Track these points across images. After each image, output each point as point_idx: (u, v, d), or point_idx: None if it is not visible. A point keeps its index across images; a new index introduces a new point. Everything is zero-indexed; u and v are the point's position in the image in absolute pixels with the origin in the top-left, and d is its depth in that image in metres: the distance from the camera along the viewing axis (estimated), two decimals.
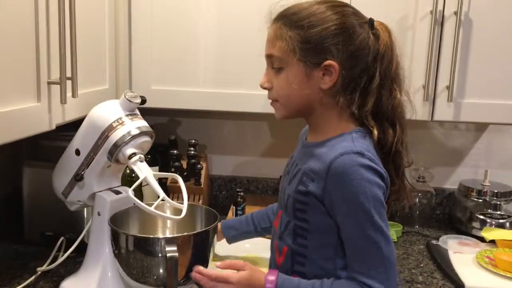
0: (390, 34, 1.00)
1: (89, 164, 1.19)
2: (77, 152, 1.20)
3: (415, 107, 1.06)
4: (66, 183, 1.24)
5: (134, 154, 1.15)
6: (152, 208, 1.08)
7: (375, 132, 0.99)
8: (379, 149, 0.99)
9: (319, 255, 1.01)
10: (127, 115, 1.18)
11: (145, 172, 1.13)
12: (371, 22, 0.99)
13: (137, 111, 1.22)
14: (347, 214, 0.94)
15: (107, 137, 1.15)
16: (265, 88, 1.04)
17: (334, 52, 0.95)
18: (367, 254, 0.94)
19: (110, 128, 1.15)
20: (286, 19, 0.99)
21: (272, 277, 0.99)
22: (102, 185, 1.23)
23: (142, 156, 1.16)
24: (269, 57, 1.02)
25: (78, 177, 1.21)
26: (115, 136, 1.15)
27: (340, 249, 0.99)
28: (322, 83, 0.97)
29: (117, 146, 1.15)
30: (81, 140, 1.20)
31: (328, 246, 1.00)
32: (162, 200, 1.10)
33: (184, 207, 1.09)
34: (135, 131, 1.16)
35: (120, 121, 1.16)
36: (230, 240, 1.34)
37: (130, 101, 1.17)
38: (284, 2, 1.02)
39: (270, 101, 1.07)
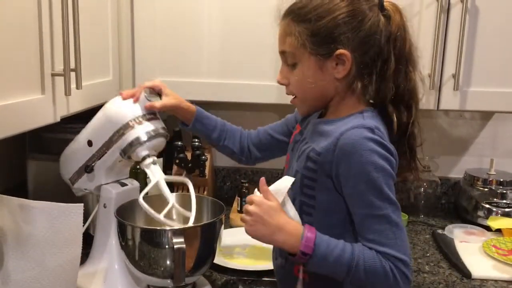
0: (401, 14, 0.99)
1: (101, 157, 1.18)
2: (89, 143, 1.19)
3: (426, 86, 1.06)
4: (74, 171, 1.23)
5: (148, 156, 1.13)
6: (161, 216, 1.08)
7: (394, 118, 0.99)
8: (395, 131, 1.00)
9: (326, 232, 0.99)
10: (144, 115, 1.16)
11: (158, 176, 1.13)
12: (380, 3, 0.97)
13: (156, 111, 1.20)
14: (354, 185, 0.93)
15: (123, 134, 1.14)
16: (282, 84, 1.05)
17: (344, 40, 0.95)
18: (376, 223, 0.93)
19: (127, 126, 1.13)
20: (294, 14, 0.98)
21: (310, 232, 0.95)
22: (111, 178, 1.23)
23: (156, 158, 1.15)
24: (282, 53, 1.03)
25: (88, 169, 1.19)
26: (131, 135, 1.13)
27: (349, 224, 0.98)
28: (336, 73, 0.97)
29: (131, 146, 1.13)
30: (95, 132, 1.19)
31: (335, 224, 0.99)
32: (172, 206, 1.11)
33: (192, 215, 1.10)
34: (151, 133, 1.14)
35: (138, 121, 1.14)
36: (190, 125, 1.24)
37: (149, 100, 1.16)
38: None
39: (289, 96, 1.07)
